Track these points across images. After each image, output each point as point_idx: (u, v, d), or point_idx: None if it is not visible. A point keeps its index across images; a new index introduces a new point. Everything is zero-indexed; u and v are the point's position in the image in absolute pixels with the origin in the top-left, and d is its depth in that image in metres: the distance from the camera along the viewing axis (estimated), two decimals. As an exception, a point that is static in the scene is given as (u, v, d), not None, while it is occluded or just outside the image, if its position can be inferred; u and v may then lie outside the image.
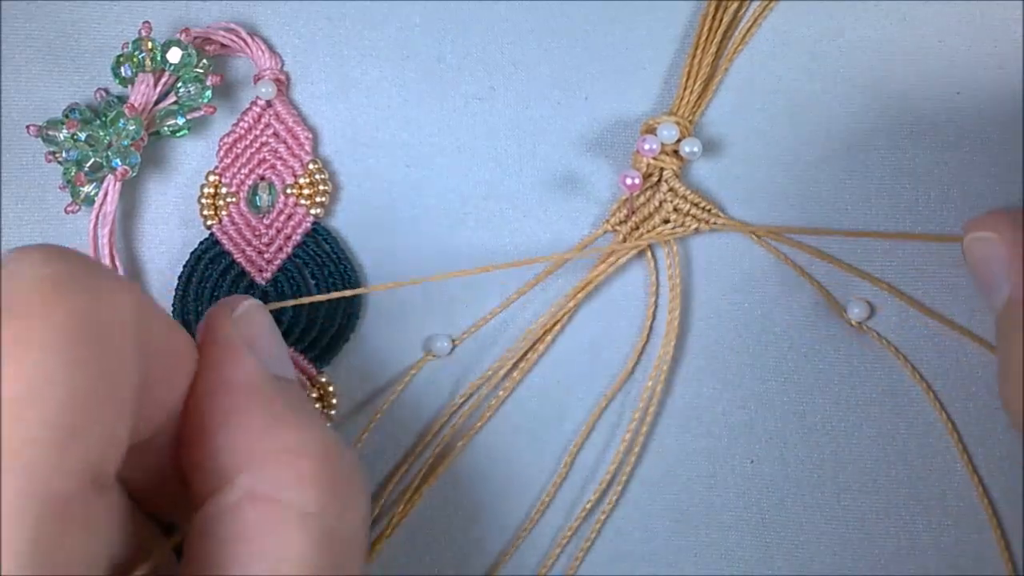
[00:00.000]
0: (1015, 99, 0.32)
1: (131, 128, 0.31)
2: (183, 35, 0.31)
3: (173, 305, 0.32)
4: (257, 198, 0.32)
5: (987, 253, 0.28)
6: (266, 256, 0.32)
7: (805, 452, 0.31)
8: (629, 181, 0.31)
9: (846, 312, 0.32)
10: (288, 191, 0.32)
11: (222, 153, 0.32)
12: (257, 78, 0.32)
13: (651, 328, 0.32)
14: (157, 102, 0.31)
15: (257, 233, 0.32)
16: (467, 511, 0.32)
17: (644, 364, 0.32)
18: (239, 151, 0.32)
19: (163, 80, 0.31)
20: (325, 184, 0.32)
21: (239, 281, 0.32)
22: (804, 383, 0.32)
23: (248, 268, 0.32)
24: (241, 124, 0.32)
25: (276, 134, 0.32)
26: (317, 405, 0.31)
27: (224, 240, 0.32)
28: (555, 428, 0.32)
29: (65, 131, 0.30)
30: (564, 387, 0.32)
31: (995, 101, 0.32)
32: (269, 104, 0.32)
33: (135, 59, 0.31)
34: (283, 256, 0.32)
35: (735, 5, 0.32)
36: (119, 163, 0.30)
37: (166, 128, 0.32)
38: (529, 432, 0.32)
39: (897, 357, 0.31)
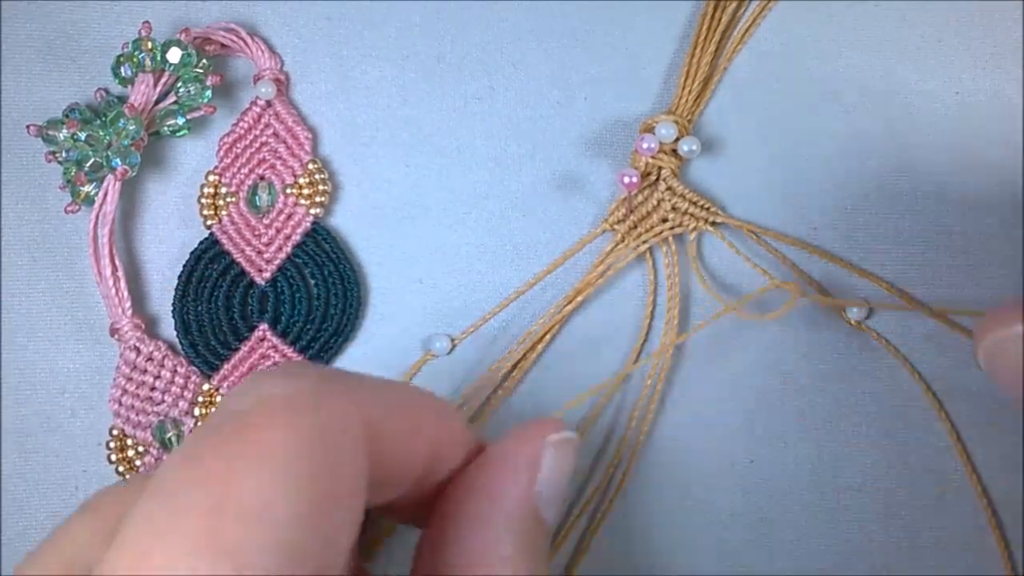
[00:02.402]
0: (1014, 99, 0.32)
1: (131, 128, 0.31)
2: (183, 35, 0.31)
3: (173, 305, 0.32)
4: (257, 198, 0.32)
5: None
6: (266, 256, 0.32)
7: (805, 452, 0.31)
8: (627, 180, 0.31)
9: (846, 312, 0.32)
10: (288, 191, 0.32)
11: (222, 153, 0.32)
12: (257, 78, 0.32)
13: (650, 327, 0.32)
14: (157, 102, 0.31)
15: (257, 233, 0.32)
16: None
17: (643, 363, 0.32)
18: (239, 151, 0.32)
19: (163, 80, 0.31)
20: (325, 184, 0.32)
21: (239, 281, 0.32)
22: (804, 383, 0.32)
23: (247, 268, 0.32)
24: (241, 124, 0.32)
25: (276, 134, 0.32)
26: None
27: (224, 240, 0.32)
28: (554, 428, 0.32)
29: (65, 131, 0.30)
30: (563, 386, 0.32)
31: (995, 101, 0.32)
32: (269, 104, 0.32)
33: (135, 59, 0.31)
34: (283, 256, 0.32)
35: (733, 5, 0.32)
36: (119, 163, 0.30)
37: (166, 128, 0.32)
38: (528, 432, 0.32)
39: (896, 357, 0.31)
